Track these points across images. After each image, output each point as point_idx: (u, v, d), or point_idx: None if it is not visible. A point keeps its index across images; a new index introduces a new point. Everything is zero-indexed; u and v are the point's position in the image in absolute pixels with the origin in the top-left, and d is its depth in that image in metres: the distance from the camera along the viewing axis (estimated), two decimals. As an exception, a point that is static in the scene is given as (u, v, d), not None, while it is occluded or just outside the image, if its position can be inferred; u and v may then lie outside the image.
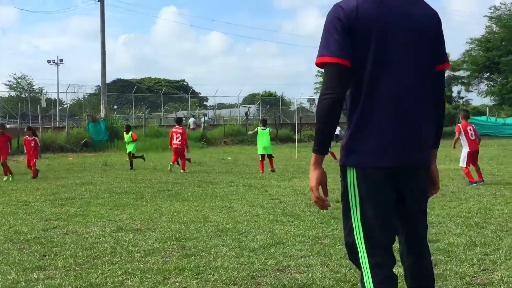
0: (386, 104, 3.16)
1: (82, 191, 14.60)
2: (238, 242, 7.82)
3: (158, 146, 36.22)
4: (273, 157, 20.40)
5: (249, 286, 5.70)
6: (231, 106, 66.57)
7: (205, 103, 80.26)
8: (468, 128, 14.97)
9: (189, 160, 21.51)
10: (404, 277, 3.50)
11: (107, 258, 7.04)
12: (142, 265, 6.64)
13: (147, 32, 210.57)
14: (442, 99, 3.47)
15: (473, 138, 14.82)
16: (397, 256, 3.43)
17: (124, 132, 23.82)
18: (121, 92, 66.06)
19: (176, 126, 21.43)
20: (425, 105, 3.28)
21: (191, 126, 47.16)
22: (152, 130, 41.33)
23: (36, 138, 20.09)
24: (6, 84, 78.83)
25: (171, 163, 20.88)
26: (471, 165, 14.61)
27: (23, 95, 74.13)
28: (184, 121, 34.72)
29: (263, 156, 20.08)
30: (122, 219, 9.98)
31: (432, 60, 3.31)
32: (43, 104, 51.46)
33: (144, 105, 55.08)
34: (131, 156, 22.88)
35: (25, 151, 20.06)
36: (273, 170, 19.56)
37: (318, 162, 3.25)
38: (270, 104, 63.61)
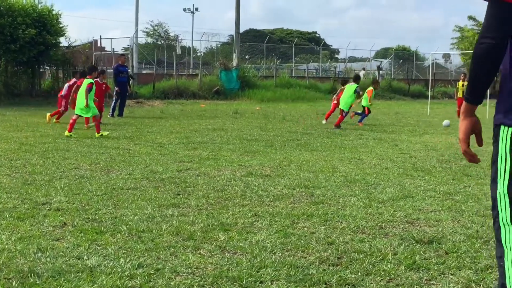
0: None
1: (213, 136, 14.99)
2: (366, 193, 7.80)
3: (288, 96, 36.45)
4: (345, 115, 18.64)
5: (378, 236, 5.68)
6: (362, 59, 65.61)
7: (336, 56, 79.55)
8: None
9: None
10: None
11: (237, 200, 7.24)
12: (271, 209, 6.78)
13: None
14: None
15: None
16: None
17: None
18: (253, 42, 66.68)
19: None
20: None
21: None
22: (283, 80, 41.54)
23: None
24: (143, 31, 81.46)
25: None
26: None
27: (159, 42, 76.48)
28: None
29: (340, 110, 18.60)
30: (252, 165, 10.18)
31: None
32: (178, 51, 52.86)
33: (276, 56, 55.39)
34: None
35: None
36: (337, 127, 17.91)
37: (469, 111, 2.90)
38: (403, 59, 62.03)
